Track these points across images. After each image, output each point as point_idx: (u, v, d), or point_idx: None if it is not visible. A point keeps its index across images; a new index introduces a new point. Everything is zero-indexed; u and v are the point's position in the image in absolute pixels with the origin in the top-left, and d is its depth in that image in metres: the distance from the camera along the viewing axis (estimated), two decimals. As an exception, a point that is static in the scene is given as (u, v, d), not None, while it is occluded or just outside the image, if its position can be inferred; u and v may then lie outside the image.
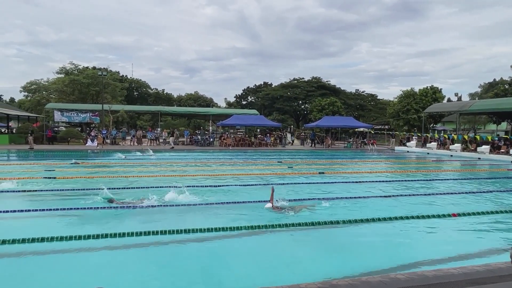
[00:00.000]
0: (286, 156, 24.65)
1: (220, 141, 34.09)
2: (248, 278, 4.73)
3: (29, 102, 53.78)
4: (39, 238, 5.66)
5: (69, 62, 61.22)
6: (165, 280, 4.62)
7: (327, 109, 49.17)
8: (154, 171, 15.08)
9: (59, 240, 5.71)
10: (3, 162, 18.19)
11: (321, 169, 16.05)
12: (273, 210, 7.88)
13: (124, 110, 38.51)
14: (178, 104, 70.34)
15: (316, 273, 4.84)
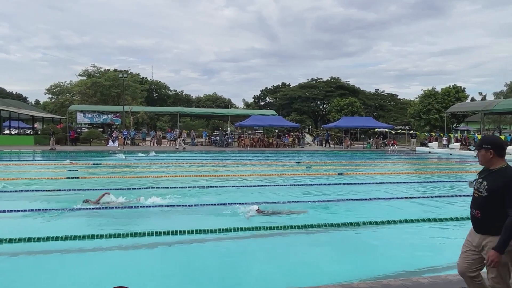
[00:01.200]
0: (304, 157, 24.49)
1: (238, 141, 34.19)
2: (266, 279, 4.71)
3: (53, 104, 55.37)
4: (63, 237, 5.79)
5: (92, 64, 62.57)
6: (183, 279, 4.64)
7: (346, 110, 48.60)
8: (170, 171, 15.22)
9: (81, 238, 5.82)
10: (27, 162, 18.74)
11: (340, 170, 15.87)
12: (257, 214, 7.69)
13: (144, 111, 39.14)
14: (196, 105, 70.99)
15: (335, 274, 4.77)
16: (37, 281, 4.53)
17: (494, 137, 3.31)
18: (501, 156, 3.10)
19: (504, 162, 3.09)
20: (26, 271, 4.84)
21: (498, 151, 3.08)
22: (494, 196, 2.96)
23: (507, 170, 3.04)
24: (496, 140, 3.19)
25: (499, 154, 3.09)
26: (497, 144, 3.12)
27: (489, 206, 3.01)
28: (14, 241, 5.63)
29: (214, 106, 67.78)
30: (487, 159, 3.12)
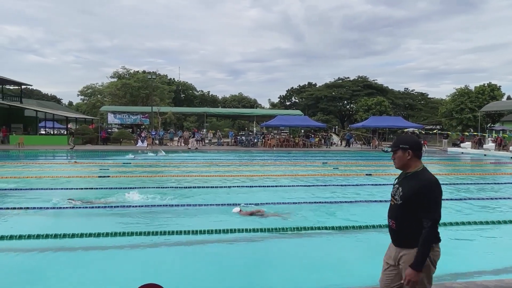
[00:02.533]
0: (331, 157, 24.21)
1: (264, 141, 34.22)
2: (291, 280, 4.69)
3: (85, 105, 57.33)
4: (94, 234, 5.99)
5: (122, 66, 64.29)
6: (211, 278, 4.69)
7: (373, 109, 47.67)
8: (194, 171, 15.41)
9: (109, 236, 5.99)
10: (61, 161, 19.49)
11: (368, 171, 15.57)
12: (241, 215, 7.59)
13: (171, 112, 39.88)
14: (222, 106, 71.62)
15: (362, 277, 4.69)
16: (68, 276, 4.70)
17: (411, 137, 2.99)
18: (418, 158, 2.83)
19: (421, 165, 2.80)
20: (55, 266, 5.02)
21: (416, 152, 2.80)
22: (409, 204, 2.65)
23: (423, 173, 2.73)
24: (414, 139, 2.90)
25: (416, 155, 2.81)
26: (415, 143, 2.83)
27: (404, 215, 2.69)
28: (41, 237, 5.84)
29: (240, 106, 68.15)
30: (404, 161, 2.81)
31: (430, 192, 2.60)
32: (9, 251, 5.45)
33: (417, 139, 2.98)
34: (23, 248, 5.55)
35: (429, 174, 2.73)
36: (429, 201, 2.58)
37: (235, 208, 7.77)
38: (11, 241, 5.72)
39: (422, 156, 2.86)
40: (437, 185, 2.63)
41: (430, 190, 2.60)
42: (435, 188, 2.61)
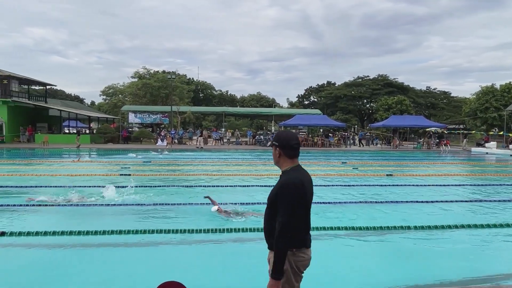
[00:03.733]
0: (350, 157, 23.91)
1: (283, 141, 34.04)
2: (311, 283, 4.63)
3: (107, 104, 58.54)
4: (116, 231, 6.08)
5: (142, 67, 65.32)
6: (226, 278, 4.69)
7: (394, 108, 46.81)
8: (212, 169, 15.49)
9: (130, 233, 6.07)
10: (84, 159, 19.92)
11: (389, 171, 15.29)
12: (219, 214, 7.47)
13: (190, 111, 40.25)
14: (241, 105, 71.82)
15: (382, 280, 4.60)
16: (90, 273, 4.78)
17: (283, 133, 2.77)
18: (289, 156, 2.63)
19: (291, 164, 2.62)
20: (76, 263, 5.13)
21: (285, 150, 2.61)
22: (271, 206, 2.54)
23: (287, 174, 2.57)
24: (283, 136, 2.69)
25: (286, 153, 2.62)
26: (284, 141, 2.62)
27: (269, 217, 2.58)
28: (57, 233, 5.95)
29: (258, 105, 68.19)
30: (276, 159, 2.68)
31: (283, 195, 2.45)
32: (30, 247, 5.58)
33: (291, 136, 2.71)
34: (43, 244, 5.67)
35: (292, 175, 2.56)
36: (281, 203, 2.44)
37: (213, 207, 7.67)
38: (31, 237, 5.85)
39: (296, 155, 2.66)
40: (291, 187, 2.46)
41: (283, 192, 2.46)
42: (288, 190, 2.45)
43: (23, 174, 13.13)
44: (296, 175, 2.55)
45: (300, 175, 2.58)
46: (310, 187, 2.69)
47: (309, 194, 2.61)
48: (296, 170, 2.61)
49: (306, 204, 2.59)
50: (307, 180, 2.63)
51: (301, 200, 2.49)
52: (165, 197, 9.18)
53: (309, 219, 2.69)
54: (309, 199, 2.62)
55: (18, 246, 5.63)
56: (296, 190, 2.46)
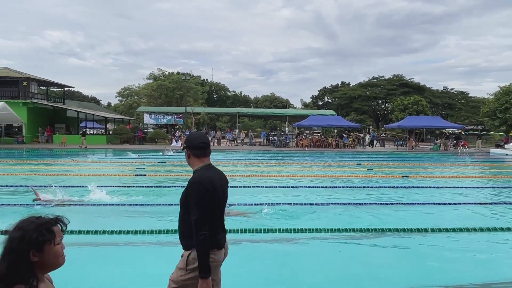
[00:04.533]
0: (365, 158, 23.68)
1: (296, 142, 33.99)
2: (326, 283, 4.61)
3: (123, 106, 59.36)
4: (132, 231, 6.16)
5: (157, 68, 66.28)
6: (242, 278, 4.70)
7: (410, 109, 46.13)
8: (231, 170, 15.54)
9: (146, 233, 6.14)
10: (101, 159, 20.27)
11: (405, 172, 15.08)
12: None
13: (205, 112, 40.49)
14: (255, 106, 71.91)
15: (398, 282, 4.54)
16: (104, 273, 4.86)
17: (191, 134, 2.81)
18: (197, 156, 2.64)
19: (201, 164, 2.63)
20: (93, 262, 5.22)
21: (193, 151, 2.63)
22: (182, 205, 2.56)
23: (195, 174, 2.59)
24: (191, 137, 2.72)
25: (194, 153, 2.63)
26: (190, 141, 2.65)
27: (181, 217, 2.59)
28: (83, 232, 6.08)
29: (272, 106, 68.15)
30: (187, 160, 2.69)
31: (192, 194, 2.46)
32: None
33: (198, 136, 2.75)
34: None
35: (200, 174, 2.56)
36: (191, 203, 2.45)
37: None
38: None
39: (205, 154, 2.66)
40: (199, 185, 2.46)
41: (192, 192, 2.47)
42: (195, 188, 2.46)
43: (41, 173, 13.43)
44: (204, 174, 2.56)
45: (210, 174, 2.58)
46: (222, 187, 2.67)
47: (219, 194, 2.59)
48: (206, 169, 2.62)
49: (217, 204, 2.57)
50: (218, 180, 2.63)
51: (210, 199, 2.48)
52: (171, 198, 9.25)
53: (221, 219, 2.67)
54: (220, 199, 2.60)
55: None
56: (204, 189, 2.46)
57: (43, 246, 1.57)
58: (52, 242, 1.60)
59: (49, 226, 1.62)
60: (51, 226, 1.63)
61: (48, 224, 1.62)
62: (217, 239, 2.57)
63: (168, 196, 9.38)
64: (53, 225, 1.64)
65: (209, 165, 2.67)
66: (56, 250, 1.62)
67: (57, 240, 1.63)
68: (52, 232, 1.62)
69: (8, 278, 1.48)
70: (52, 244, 1.60)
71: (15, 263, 1.50)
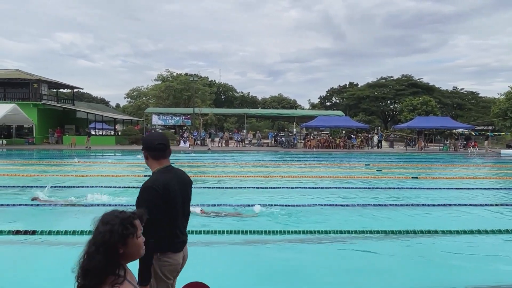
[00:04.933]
0: (374, 159, 23.51)
1: (304, 142, 33.90)
2: (337, 285, 4.58)
3: (131, 107, 59.81)
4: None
5: (165, 69, 66.57)
6: (248, 278, 4.69)
7: (419, 109, 45.72)
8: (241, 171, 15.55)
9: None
10: (110, 160, 20.42)
11: (414, 174, 14.94)
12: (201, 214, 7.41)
13: (212, 113, 40.59)
14: (262, 107, 71.88)
15: (409, 285, 4.49)
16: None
17: (149, 135, 2.75)
18: (155, 158, 2.57)
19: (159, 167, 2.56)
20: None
21: (149, 152, 2.57)
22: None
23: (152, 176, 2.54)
24: (148, 138, 2.65)
25: (151, 155, 2.57)
26: (147, 142, 2.58)
27: None
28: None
29: (280, 107, 68.06)
30: (145, 161, 2.62)
31: (141, 197, 2.43)
32: (69, 246, 5.75)
33: (155, 137, 2.68)
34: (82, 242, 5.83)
35: (155, 177, 2.50)
36: (143, 206, 2.34)
37: (196, 207, 7.64)
38: (73, 236, 6.03)
39: (163, 156, 2.60)
40: (151, 189, 2.41)
41: (141, 195, 2.44)
42: (145, 192, 2.42)
43: (50, 174, 13.57)
44: (159, 178, 2.49)
45: (166, 177, 2.52)
46: (182, 190, 2.61)
47: (176, 197, 2.52)
48: (163, 171, 2.56)
49: (173, 207, 2.50)
50: (176, 182, 2.56)
51: (163, 203, 2.42)
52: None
53: (180, 222, 2.60)
54: (177, 202, 2.53)
55: (50, 244, 5.80)
56: (153, 193, 2.40)
57: (127, 239, 1.66)
58: (135, 235, 1.70)
59: (132, 220, 1.71)
60: (133, 220, 1.72)
61: (130, 218, 1.72)
62: (174, 242, 2.52)
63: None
64: (135, 219, 1.74)
65: (167, 167, 2.60)
66: (138, 242, 1.71)
67: (138, 233, 1.72)
68: (134, 226, 1.71)
69: (103, 269, 1.58)
70: (135, 237, 1.70)
71: (107, 255, 1.60)
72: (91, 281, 1.55)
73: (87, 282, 1.56)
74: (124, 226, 1.66)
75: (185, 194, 2.64)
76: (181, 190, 2.59)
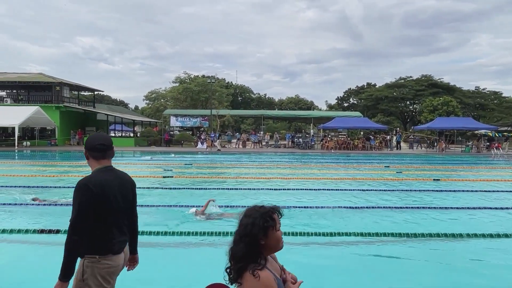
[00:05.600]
0: (393, 160, 23.12)
1: (322, 144, 33.65)
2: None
3: (150, 109, 60.68)
4: (161, 232, 6.24)
5: (183, 72, 67.23)
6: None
7: (440, 110, 44.75)
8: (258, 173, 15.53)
9: (179, 234, 6.21)
10: (129, 161, 20.73)
11: (436, 176, 14.60)
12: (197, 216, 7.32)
13: (229, 114, 40.74)
14: (279, 108, 71.80)
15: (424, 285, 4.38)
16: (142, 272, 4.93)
17: (91, 135, 2.72)
18: (95, 158, 2.58)
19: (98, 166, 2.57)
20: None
21: (90, 152, 2.59)
22: None
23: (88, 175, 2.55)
24: (89, 138, 2.66)
25: (91, 155, 2.59)
26: (88, 143, 2.61)
27: None
28: None
29: (297, 108, 67.86)
30: (87, 161, 2.62)
31: (74, 195, 2.42)
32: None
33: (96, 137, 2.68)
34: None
35: (91, 176, 2.50)
36: (73, 204, 2.40)
37: (191, 209, 7.61)
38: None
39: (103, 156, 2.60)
40: (84, 187, 2.40)
41: (75, 193, 2.42)
42: (79, 191, 2.40)
43: (75, 175, 13.88)
44: (96, 177, 2.49)
45: (103, 177, 2.51)
46: (122, 190, 2.60)
47: (113, 197, 2.50)
48: (102, 171, 2.56)
49: (111, 208, 2.49)
50: (114, 182, 2.56)
51: (97, 201, 2.41)
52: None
53: (119, 222, 2.59)
54: (114, 202, 2.51)
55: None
56: (87, 192, 2.39)
57: (268, 231, 1.80)
58: (274, 228, 1.83)
59: (271, 214, 1.85)
60: (272, 214, 1.85)
61: (270, 212, 1.85)
62: (112, 243, 2.50)
63: (194, 197, 9.46)
64: (274, 213, 1.86)
65: (106, 168, 2.61)
66: (277, 235, 1.84)
67: (277, 226, 1.84)
68: (273, 219, 1.84)
69: (246, 257, 1.77)
70: (274, 229, 1.83)
71: (249, 245, 1.78)
72: (236, 265, 1.78)
73: (233, 266, 1.80)
74: (264, 219, 1.80)
75: (125, 193, 2.65)
76: (121, 190, 2.60)
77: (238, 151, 30.84)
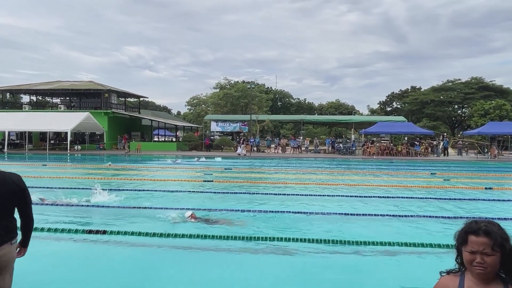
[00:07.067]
0: (440, 167, 22.03)
1: (363, 149, 32.80)
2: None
3: (191, 114, 62.28)
4: (194, 235, 6.34)
5: (223, 78, 68.41)
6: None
7: (492, 114, 42.14)
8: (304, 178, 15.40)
9: (212, 238, 6.28)
10: (171, 165, 21.34)
11: (488, 184, 13.73)
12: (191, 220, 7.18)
13: (269, 119, 40.85)
14: (319, 113, 70.98)
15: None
16: (173, 274, 5.04)
17: None
18: None
19: None
20: (163, 264, 5.43)
21: None
22: None
23: None
24: None
25: None
26: None
27: None
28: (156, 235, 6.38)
29: (337, 113, 66.67)
30: None
31: None
32: (126, 246, 6.07)
33: None
34: (139, 243, 6.13)
35: None
36: None
37: (187, 212, 7.53)
38: (129, 237, 6.36)
39: None
40: None
41: None
42: None
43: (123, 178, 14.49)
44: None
45: None
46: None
47: None
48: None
49: None
50: None
51: None
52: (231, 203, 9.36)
53: None
54: None
55: (118, 244, 6.15)
56: None
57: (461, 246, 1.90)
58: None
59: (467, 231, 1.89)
60: (468, 231, 1.88)
61: (466, 228, 1.91)
62: None
63: (230, 202, 9.54)
64: (470, 233, 1.87)
65: None
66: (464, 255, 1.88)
67: (468, 248, 1.84)
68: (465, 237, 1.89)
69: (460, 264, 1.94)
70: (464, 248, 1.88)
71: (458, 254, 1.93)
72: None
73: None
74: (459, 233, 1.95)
75: (2, 193, 2.79)
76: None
77: (277, 155, 30.81)
